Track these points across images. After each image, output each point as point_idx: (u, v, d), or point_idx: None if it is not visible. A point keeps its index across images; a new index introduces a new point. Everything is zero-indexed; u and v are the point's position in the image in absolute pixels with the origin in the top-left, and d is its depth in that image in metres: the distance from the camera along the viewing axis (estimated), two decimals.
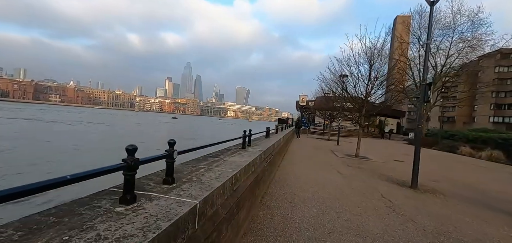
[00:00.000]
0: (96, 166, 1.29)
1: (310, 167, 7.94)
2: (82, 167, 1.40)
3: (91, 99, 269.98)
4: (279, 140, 8.21)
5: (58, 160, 12.01)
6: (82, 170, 1.17)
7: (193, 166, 2.67)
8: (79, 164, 11.12)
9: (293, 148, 13.31)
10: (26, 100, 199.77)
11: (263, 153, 4.60)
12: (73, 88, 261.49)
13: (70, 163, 11.62)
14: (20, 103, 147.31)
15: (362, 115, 11.93)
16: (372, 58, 11.60)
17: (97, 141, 20.53)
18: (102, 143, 19.42)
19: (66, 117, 50.73)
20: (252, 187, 3.55)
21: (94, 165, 1.34)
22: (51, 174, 1.16)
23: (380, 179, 6.97)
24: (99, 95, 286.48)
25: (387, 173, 8.01)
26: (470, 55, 34.57)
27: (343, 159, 10.74)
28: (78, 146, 16.64)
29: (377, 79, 11.58)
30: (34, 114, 49.59)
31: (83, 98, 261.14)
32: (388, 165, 10.09)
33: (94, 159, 13.29)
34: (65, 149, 15.09)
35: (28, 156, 12.06)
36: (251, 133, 4.96)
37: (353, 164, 9.27)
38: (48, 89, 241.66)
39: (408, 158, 13.10)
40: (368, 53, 11.85)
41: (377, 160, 11.21)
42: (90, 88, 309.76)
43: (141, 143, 17.10)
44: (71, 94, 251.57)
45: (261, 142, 6.26)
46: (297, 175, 6.52)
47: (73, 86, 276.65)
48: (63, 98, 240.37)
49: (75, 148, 15.66)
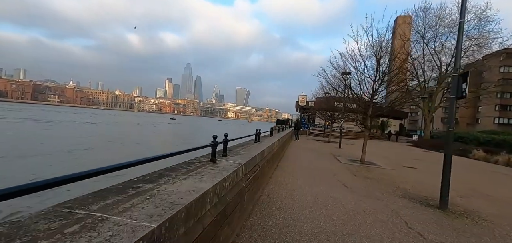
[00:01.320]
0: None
1: (309, 178, 6.54)
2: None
3: (90, 99, 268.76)
4: (272, 145, 6.83)
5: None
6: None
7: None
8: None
9: (290, 153, 11.92)
10: (25, 100, 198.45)
11: (241, 168, 3.23)
12: (72, 89, 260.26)
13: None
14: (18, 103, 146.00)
15: (368, 116, 10.54)
16: (379, 51, 10.24)
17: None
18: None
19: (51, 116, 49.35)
20: (213, 228, 2.18)
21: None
22: None
23: (397, 195, 5.56)
24: (98, 96, 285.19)
25: (402, 185, 6.61)
26: (476, 54, 33.25)
27: (347, 166, 9.34)
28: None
29: (385, 74, 10.19)
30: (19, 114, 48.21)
31: (82, 99, 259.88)
32: (400, 173, 8.69)
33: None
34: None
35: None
36: (227, 139, 3.57)
37: (359, 173, 7.87)
38: (47, 90, 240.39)
39: (419, 164, 11.72)
40: (375, 46, 10.50)
41: (385, 167, 9.82)
42: (89, 89, 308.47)
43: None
44: (70, 94, 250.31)
45: (247, 149, 4.90)
46: (292, 192, 5.13)
47: (72, 86, 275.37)
48: (62, 99, 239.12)
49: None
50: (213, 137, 3.12)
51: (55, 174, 1.22)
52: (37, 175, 8.29)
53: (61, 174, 1.18)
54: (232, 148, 4.63)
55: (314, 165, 8.79)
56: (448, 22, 31.78)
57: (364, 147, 10.66)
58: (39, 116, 47.86)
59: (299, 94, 31.74)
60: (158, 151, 3.12)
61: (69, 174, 1.21)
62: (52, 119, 41.93)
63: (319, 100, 31.25)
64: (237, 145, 5.40)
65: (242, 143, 5.72)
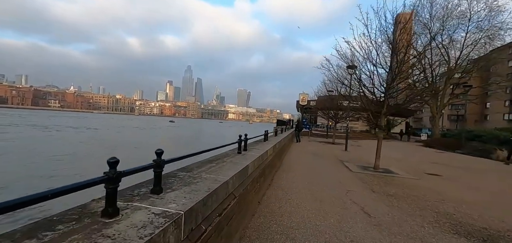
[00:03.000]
0: None
1: (314, 201, 4.81)
2: None
3: (91, 104, 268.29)
4: (264, 155, 5.11)
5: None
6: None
7: None
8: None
9: (290, 159, 10.19)
10: (25, 106, 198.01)
11: (177, 224, 1.51)
12: (72, 93, 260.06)
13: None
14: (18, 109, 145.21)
15: (382, 114, 8.79)
16: (394, 36, 8.52)
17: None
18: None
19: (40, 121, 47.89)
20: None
21: None
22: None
23: (445, 228, 3.80)
24: (99, 100, 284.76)
25: (442, 206, 4.86)
26: (487, 46, 31.26)
27: (360, 175, 7.60)
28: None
29: (402, 64, 8.44)
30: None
31: (82, 103, 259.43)
32: (427, 184, 6.93)
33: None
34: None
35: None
36: (161, 163, 1.85)
37: (379, 187, 6.12)
38: (47, 95, 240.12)
39: (443, 170, 9.85)
40: (388, 32, 8.79)
41: (406, 176, 8.06)
42: (90, 93, 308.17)
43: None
44: (70, 99, 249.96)
45: (222, 166, 3.21)
46: (289, 230, 3.40)
47: (73, 91, 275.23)
48: (62, 104, 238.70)
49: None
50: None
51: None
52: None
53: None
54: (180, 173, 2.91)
55: (319, 176, 7.05)
56: (457, 14, 29.96)
57: (378, 151, 8.91)
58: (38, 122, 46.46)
59: (300, 93, 29.98)
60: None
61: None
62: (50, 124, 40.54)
63: (321, 99, 29.46)
64: (212, 158, 3.69)
65: (216, 157, 4.01)
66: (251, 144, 6.27)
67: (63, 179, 8.96)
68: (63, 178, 9.77)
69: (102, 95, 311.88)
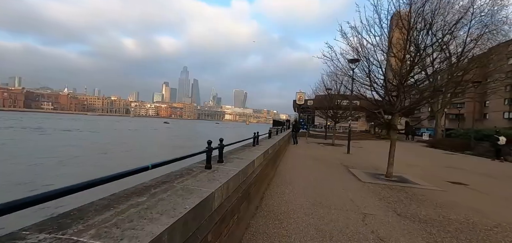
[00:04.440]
0: None
1: (321, 238, 3.29)
2: None
3: (85, 105, 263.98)
4: (249, 167, 3.58)
5: None
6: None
7: None
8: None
9: (286, 166, 8.67)
10: (17, 108, 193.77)
11: None
12: (66, 95, 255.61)
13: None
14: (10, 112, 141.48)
15: (396, 110, 7.33)
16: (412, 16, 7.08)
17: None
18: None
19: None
20: None
21: None
22: None
23: None
24: (93, 102, 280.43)
25: (499, 237, 3.39)
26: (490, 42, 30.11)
27: (373, 187, 6.11)
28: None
29: (423, 50, 7.00)
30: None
31: (76, 105, 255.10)
32: (458, 199, 5.47)
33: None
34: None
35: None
36: None
37: (403, 208, 4.61)
38: (40, 97, 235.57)
39: (464, 177, 8.22)
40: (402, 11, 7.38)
41: (427, 186, 6.61)
42: (84, 95, 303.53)
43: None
44: (64, 101, 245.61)
45: (161, 199, 1.72)
46: None
47: (66, 93, 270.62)
48: (55, 106, 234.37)
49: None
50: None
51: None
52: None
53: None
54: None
55: (324, 192, 5.54)
56: (459, 8, 28.80)
57: (391, 156, 7.44)
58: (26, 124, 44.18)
59: (297, 92, 28.49)
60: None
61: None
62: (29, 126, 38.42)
63: (319, 97, 28.03)
64: (137, 187, 2.16)
65: (174, 173, 2.48)
66: (235, 151, 4.75)
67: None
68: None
69: (97, 97, 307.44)
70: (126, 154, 18.95)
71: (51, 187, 1.16)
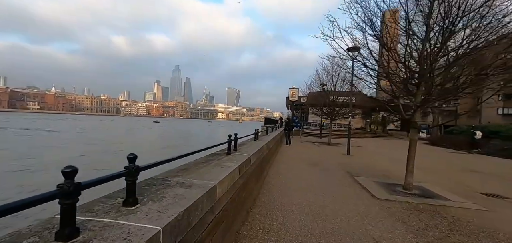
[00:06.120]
0: None
1: None
2: None
3: (73, 105, 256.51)
4: (208, 198, 1.80)
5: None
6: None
7: None
8: None
9: (276, 177, 6.91)
10: (0, 108, 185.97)
11: None
12: (53, 95, 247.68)
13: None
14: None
15: (418, 104, 5.65)
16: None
17: None
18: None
19: None
20: None
21: None
22: None
23: None
24: (82, 101, 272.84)
25: None
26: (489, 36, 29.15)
27: (394, 209, 4.40)
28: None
29: (454, 24, 5.36)
30: None
31: (64, 105, 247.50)
32: (509, 220, 3.83)
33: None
34: None
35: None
36: None
37: None
38: (26, 96, 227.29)
39: (495, 185, 6.29)
40: None
41: (462, 203, 4.95)
42: (72, 94, 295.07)
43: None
44: (50, 100, 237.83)
45: None
46: None
47: (53, 92, 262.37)
48: (42, 105, 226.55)
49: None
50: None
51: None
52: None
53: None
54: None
55: (330, 228, 3.80)
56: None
57: (410, 163, 5.75)
58: None
59: (290, 88, 26.79)
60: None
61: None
62: None
63: (313, 94, 26.40)
64: None
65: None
66: (200, 163, 2.96)
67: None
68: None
69: (85, 96, 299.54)
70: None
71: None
